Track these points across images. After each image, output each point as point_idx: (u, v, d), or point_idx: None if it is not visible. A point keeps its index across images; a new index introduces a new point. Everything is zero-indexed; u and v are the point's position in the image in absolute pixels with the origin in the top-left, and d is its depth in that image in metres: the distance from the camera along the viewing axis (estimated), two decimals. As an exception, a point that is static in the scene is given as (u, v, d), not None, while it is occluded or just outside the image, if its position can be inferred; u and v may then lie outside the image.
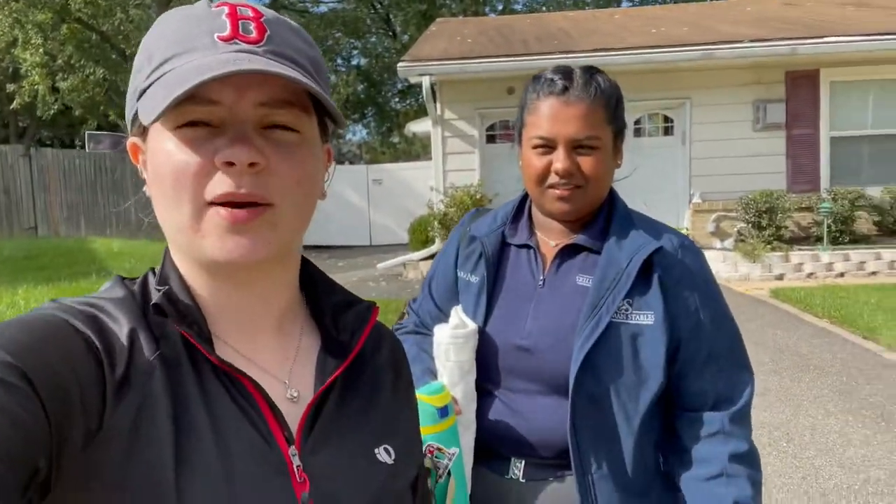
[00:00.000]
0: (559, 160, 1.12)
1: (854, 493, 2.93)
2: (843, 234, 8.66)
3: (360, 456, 0.62)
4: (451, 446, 1.05)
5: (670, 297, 1.10)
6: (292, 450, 0.57)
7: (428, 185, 11.20)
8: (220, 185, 0.55)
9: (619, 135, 1.19)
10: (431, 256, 9.55)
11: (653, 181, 9.51)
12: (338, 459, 0.60)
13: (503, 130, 9.63)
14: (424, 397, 1.07)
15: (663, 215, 8.55)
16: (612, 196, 1.21)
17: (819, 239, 8.69)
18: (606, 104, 1.14)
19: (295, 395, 0.61)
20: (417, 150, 30.95)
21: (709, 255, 9.02)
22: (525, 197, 1.25)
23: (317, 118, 0.61)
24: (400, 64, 8.93)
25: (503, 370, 1.16)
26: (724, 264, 8.66)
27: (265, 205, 0.56)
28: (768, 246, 8.50)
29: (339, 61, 23.66)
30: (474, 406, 1.17)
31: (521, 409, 1.14)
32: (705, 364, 1.11)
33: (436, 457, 1.01)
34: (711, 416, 1.10)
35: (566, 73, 1.15)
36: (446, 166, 9.49)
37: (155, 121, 0.52)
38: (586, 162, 1.12)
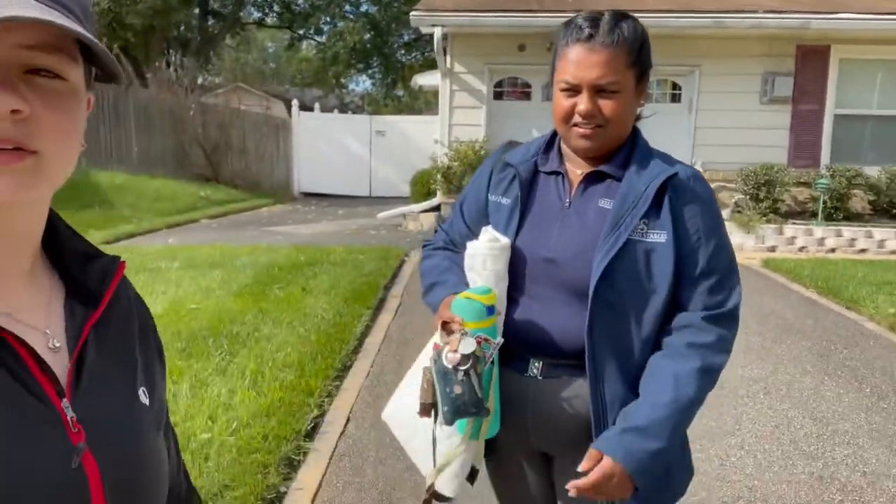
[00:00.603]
0: (582, 102, 1.24)
1: (822, 442, 3.15)
2: (838, 211, 8.82)
3: (125, 399, 0.64)
4: (496, 338, 1.21)
5: (679, 218, 1.24)
6: (64, 402, 0.57)
7: (430, 140, 11.24)
8: None
9: (642, 77, 1.29)
10: (433, 209, 9.66)
11: (657, 147, 9.60)
12: (107, 405, 0.61)
13: (511, 87, 9.64)
14: (475, 296, 1.22)
15: (664, 178, 8.49)
16: (635, 133, 1.35)
17: (814, 214, 8.86)
18: (630, 50, 1.24)
19: (57, 345, 0.60)
20: (420, 104, 30.70)
21: (704, 224, 9.18)
22: (556, 132, 1.37)
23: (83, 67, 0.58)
24: (413, 12, 8.88)
25: (529, 279, 1.31)
26: (718, 233, 8.83)
27: (29, 152, 0.53)
28: (764, 218, 8.66)
29: (348, 7, 23.23)
30: (504, 310, 1.32)
31: (543, 314, 1.29)
32: (701, 277, 1.25)
33: (483, 347, 1.17)
34: (691, 315, 1.25)
35: (593, 20, 1.25)
36: (452, 120, 9.53)
37: None
38: (607, 105, 1.24)
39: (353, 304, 5.06)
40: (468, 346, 1.15)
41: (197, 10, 22.27)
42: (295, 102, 16.48)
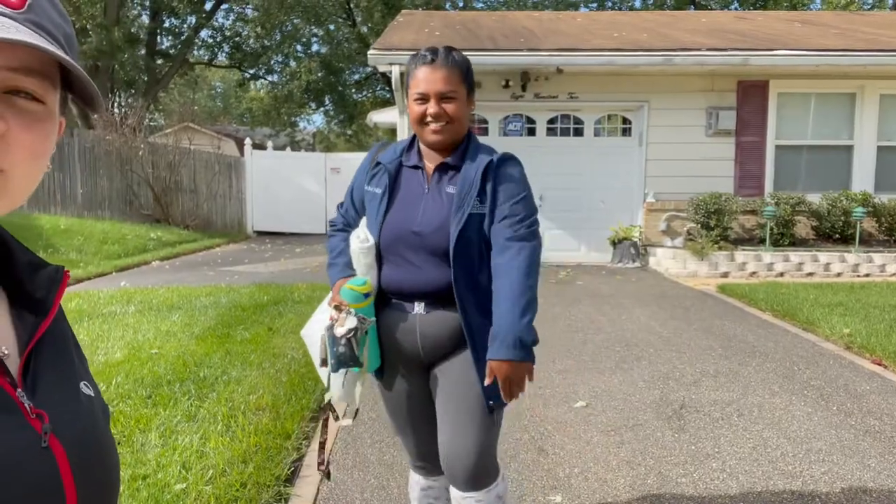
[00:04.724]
0: (431, 107, 1.73)
1: (798, 461, 3.22)
2: (784, 237, 9.20)
3: (73, 391, 0.68)
4: (370, 317, 1.76)
5: (494, 190, 1.75)
6: (19, 392, 0.61)
7: (388, 175, 11.27)
8: None
9: (471, 91, 1.81)
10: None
11: (610, 180, 9.86)
12: (58, 396, 0.65)
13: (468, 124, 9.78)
14: (355, 287, 1.73)
15: (619, 213, 9.04)
16: (470, 134, 1.85)
17: (762, 240, 9.21)
18: (461, 69, 1.77)
19: (6, 352, 0.63)
20: (372, 141, 30.85)
21: (659, 252, 9.42)
22: (415, 135, 1.85)
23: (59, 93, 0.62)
24: (371, 51, 8.97)
25: (404, 247, 1.77)
26: (673, 261, 9.06)
27: None
28: (715, 245, 8.95)
29: (299, 48, 23.33)
30: (376, 291, 1.83)
31: (417, 271, 1.77)
32: (505, 218, 1.75)
33: (361, 322, 1.71)
34: (500, 242, 1.74)
35: (433, 50, 1.76)
36: (411, 156, 9.58)
37: None
38: (449, 107, 1.74)
39: (323, 342, 4.95)
40: (350, 323, 1.68)
41: (143, 51, 21.99)
42: (248, 141, 16.33)
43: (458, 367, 1.79)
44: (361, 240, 1.78)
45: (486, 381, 1.70)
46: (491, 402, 1.76)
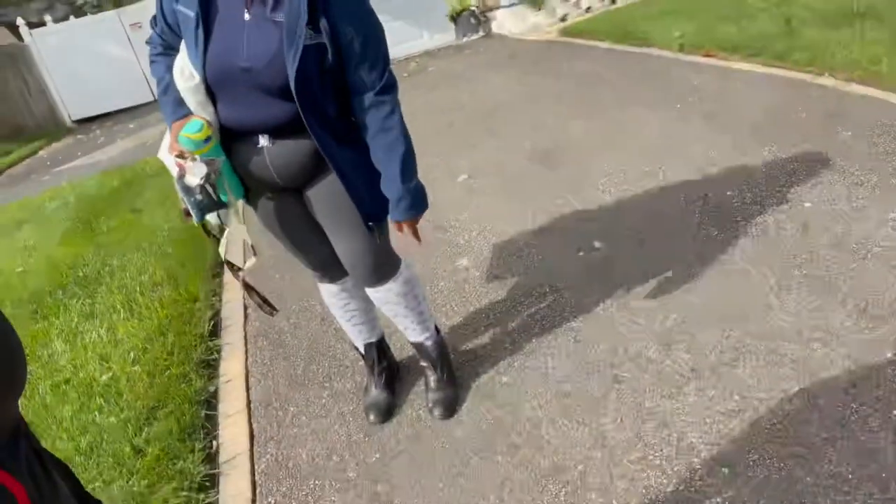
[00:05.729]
0: None
1: (658, 160, 3.56)
2: (608, -36, 9.23)
3: None
4: (219, 156, 1.65)
5: (331, 20, 1.52)
6: None
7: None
8: None
9: None
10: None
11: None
12: None
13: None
14: (191, 135, 1.57)
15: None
16: None
17: (589, -27, 9.22)
18: None
19: None
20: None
21: (499, 15, 9.27)
22: None
23: None
24: None
25: (233, 84, 1.59)
26: (514, 19, 9.01)
27: None
28: (548, -9, 8.90)
29: None
30: (216, 125, 1.66)
31: (255, 107, 1.61)
32: (359, 64, 1.60)
33: (210, 165, 1.61)
34: (366, 95, 1.64)
35: None
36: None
37: None
38: None
39: (195, 204, 4.74)
40: (200, 171, 1.58)
41: None
42: (20, 21, 13.90)
43: (332, 190, 1.74)
44: (186, 77, 1.59)
45: (399, 233, 1.79)
46: (371, 224, 1.79)
